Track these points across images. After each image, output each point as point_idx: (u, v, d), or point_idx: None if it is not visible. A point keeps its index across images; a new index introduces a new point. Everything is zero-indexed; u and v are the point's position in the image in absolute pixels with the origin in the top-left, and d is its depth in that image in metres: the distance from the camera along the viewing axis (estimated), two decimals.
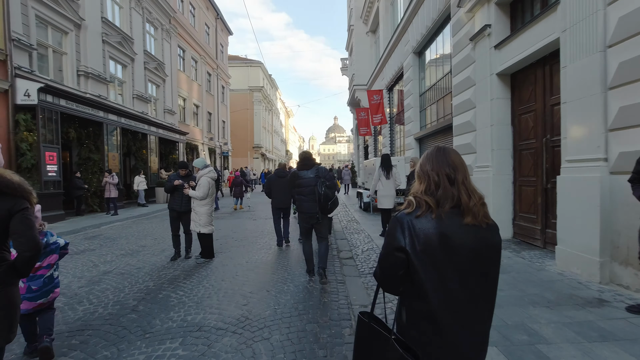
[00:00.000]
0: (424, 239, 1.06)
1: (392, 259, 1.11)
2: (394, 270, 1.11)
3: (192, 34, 20.66)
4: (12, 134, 8.14)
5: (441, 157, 1.17)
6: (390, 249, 1.12)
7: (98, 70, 11.34)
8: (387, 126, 15.52)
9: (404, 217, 1.12)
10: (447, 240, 1.05)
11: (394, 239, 1.11)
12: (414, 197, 1.15)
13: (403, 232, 1.09)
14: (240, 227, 8.09)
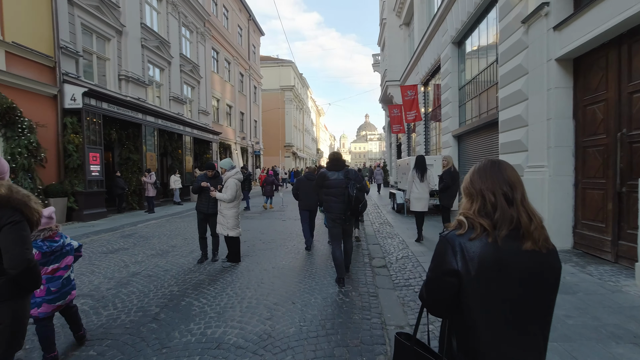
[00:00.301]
0: (478, 264, 0.98)
1: (442, 284, 1.04)
2: (442, 295, 1.05)
3: (225, 36, 21.13)
4: (60, 136, 8.68)
5: (496, 173, 1.07)
6: (440, 272, 1.05)
7: (137, 74, 11.85)
8: (421, 123, 14.72)
9: (455, 238, 1.03)
10: (504, 267, 0.98)
11: (444, 262, 1.03)
12: (465, 218, 1.06)
13: (455, 255, 1.01)
14: (269, 228, 7.96)
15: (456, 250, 1.01)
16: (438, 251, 1.07)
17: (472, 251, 0.99)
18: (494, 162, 1.10)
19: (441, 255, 1.05)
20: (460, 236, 1.03)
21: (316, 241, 6.40)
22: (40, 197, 7.74)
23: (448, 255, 1.02)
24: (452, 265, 1.00)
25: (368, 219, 9.04)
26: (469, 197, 1.09)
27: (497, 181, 1.04)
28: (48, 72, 8.52)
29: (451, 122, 10.12)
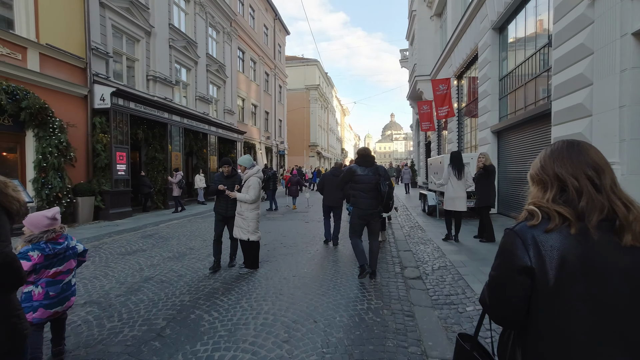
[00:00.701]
0: (558, 260, 0.81)
1: (511, 285, 0.87)
2: (510, 299, 0.87)
3: (251, 35, 21.17)
4: (89, 136, 8.83)
5: (576, 154, 0.90)
6: (509, 270, 0.87)
7: (164, 74, 11.96)
8: (454, 119, 13.75)
9: (527, 230, 0.86)
10: (594, 265, 0.80)
11: (514, 257, 0.86)
12: (537, 207, 0.89)
13: (527, 249, 0.84)
14: (291, 230, 7.57)
15: (528, 243, 0.85)
16: (505, 246, 0.91)
17: (549, 245, 0.83)
18: (571, 143, 0.94)
19: (509, 250, 0.89)
20: (533, 227, 0.87)
21: (342, 246, 5.90)
22: (69, 196, 7.88)
23: (518, 250, 0.86)
24: (525, 261, 0.85)
25: (397, 222, 8.40)
26: (540, 184, 0.94)
27: (579, 164, 0.89)
28: (79, 72, 8.69)
29: (490, 117, 9.20)
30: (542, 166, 0.95)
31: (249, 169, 4.44)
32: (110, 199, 8.91)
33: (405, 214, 9.86)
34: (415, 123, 25.59)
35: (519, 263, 0.85)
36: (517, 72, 8.01)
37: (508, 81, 8.58)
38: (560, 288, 0.80)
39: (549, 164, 0.93)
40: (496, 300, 0.92)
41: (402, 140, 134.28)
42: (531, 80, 7.26)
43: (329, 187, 5.95)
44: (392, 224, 8.01)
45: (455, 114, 13.31)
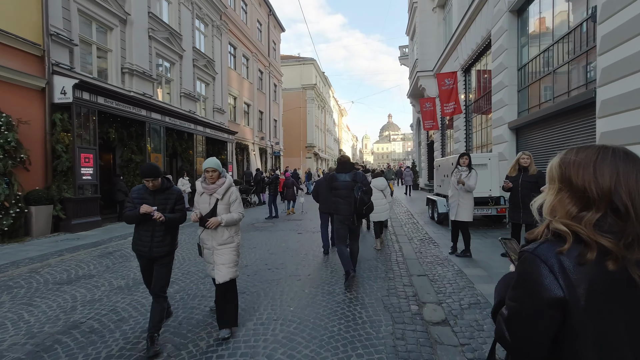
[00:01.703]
0: (588, 289, 0.69)
1: (541, 319, 0.72)
2: (541, 334, 0.73)
3: (243, 30, 20.05)
4: (48, 135, 7.66)
5: (629, 165, 0.72)
6: (537, 303, 0.72)
7: (143, 68, 10.81)
8: (461, 117, 12.70)
9: (552, 253, 0.72)
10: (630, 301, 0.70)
11: (542, 288, 0.71)
12: (570, 230, 0.72)
13: (556, 278, 0.70)
14: (280, 245, 6.43)
15: (555, 270, 0.70)
16: (527, 274, 0.74)
17: (578, 273, 0.69)
18: (616, 150, 0.75)
19: (534, 280, 0.72)
20: (560, 253, 0.71)
21: (339, 263, 4.78)
22: (18, 205, 6.70)
23: (546, 278, 0.71)
24: (554, 292, 0.69)
25: (403, 231, 7.29)
26: (581, 198, 0.74)
27: (632, 180, 0.70)
28: (34, 61, 7.53)
29: (507, 112, 8.13)
30: (596, 177, 0.73)
31: (223, 175, 2.95)
32: (73, 208, 7.73)
33: (412, 222, 8.75)
34: (416, 122, 24.56)
35: (549, 295, 0.71)
36: (541, 59, 6.94)
37: (529, 70, 7.52)
38: (593, 320, 0.69)
39: (607, 177, 0.72)
40: (520, 336, 0.77)
41: (400, 140, 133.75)
42: (562, 65, 6.19)
43: (325, 193, 5.39)
44: (398, 236, 6.90)
45: (462, 111, 12.26)
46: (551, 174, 0.82)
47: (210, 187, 2.86)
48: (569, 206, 0.76)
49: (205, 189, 2.88)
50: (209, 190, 2.87)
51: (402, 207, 12.05)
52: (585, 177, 0.74)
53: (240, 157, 20.04)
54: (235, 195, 2.97)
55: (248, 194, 13.03)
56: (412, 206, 12.03)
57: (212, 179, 2.86)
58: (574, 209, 0.75)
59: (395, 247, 6.05)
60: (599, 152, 0.76)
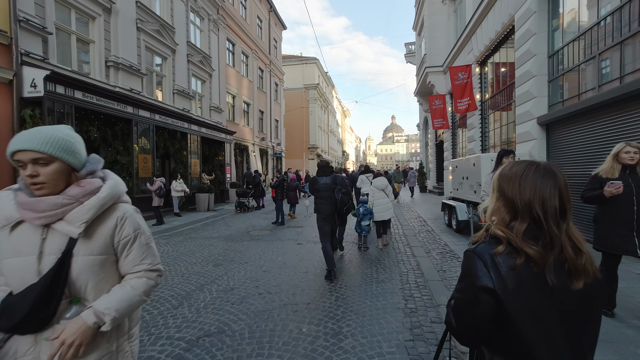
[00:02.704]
0: (516, 281, 0.83)
1: (475, 305, 0.87)
2: (476, 319, 0.88)
3: (242, 26, 19.22)
4: (16, 133, 6.78)
5: (547, 180, 0.88)
6: (472, 291, 0.88)
7: (130, 61, 9.96)
8: (475, 114, 11.70)
9: (487, 252, 0.88)
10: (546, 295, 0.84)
11: (476, 278, 0.87)
12: (504, 237, 0.87)
13: (488, 271, 0.85)
14: (276, 260, 5.49)
15: (488, 265, 0.86)
16: (467, 268, 0.91)
17: (507, 268, 0.84)
18: (540, 165, 0.90)
19: (471, 272, 0.88)
20: (495, 254, 0.86)
21: (348, 279, 3.82)
22: None
23: (479, 270, 0.87)
24: (486, 281, 0.85)
25: (418, 241, 6.33)
26: (511, 207, 0.90)
27: (550, 192, 0.86)
28: (0, 50, 6.68)
29: (535, 105, 7.15)
30: (520, 191, 0.88)
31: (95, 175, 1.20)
32: None
33: (426, 229, 7.77)
34: (423, 121, 23.56)
35: (482, 283, 0.85)
36: (581, 41, 5.96)
37: (564, 56, 6.54)
38: (520, 302, 0.83)
39: (527, 191, 0.88)
40: (462, 322, 0.92)
41: (404, 142, 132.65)
42: (612, 47, 5.20)
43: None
44: (413, 248, 5.93)
45: (477, 107, 11.27)
46: (493, 184, 0.96)
47: (41, 206, 1.06)
48: (503, 214, 0.91)
49: (28, 211, 1.07)
50: (38, 214, 1.06)
51: (412, 211, 11.08)
52: (514, 190, 0.89)
53: (240, 159, 19.17)
54: (134, 227, 1.20)
55: (246, 197, 12.13)
56: (423, 210, 11.04)
57: (45, 184, 1.07)
58: (507, 217, 0.90)
59: (411, 262, 5.09)
60: (526, 168, 0.91)
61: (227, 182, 15.64)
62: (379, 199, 5.95)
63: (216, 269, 4.93)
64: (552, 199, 0.84)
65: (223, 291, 3.98)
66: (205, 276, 4.58)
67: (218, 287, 4.11)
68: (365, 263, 5.13)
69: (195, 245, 6.62)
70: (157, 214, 9.12)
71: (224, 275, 4.62)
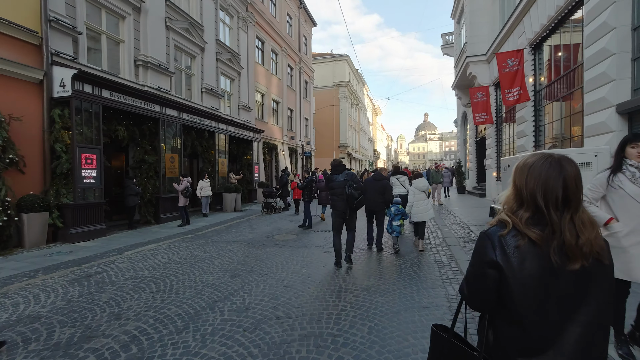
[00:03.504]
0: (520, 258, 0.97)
1: (482, 276, 1.04)
2: (482, 288, 1.05)
3: (272, 23, 18.95)
4: (46, 133, 6.83)
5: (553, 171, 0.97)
6: (482, 264, 1.04)
7: (158, 60, 9.91)
8: (527, 105, 10.29)
9: (495, 234, 1.02)
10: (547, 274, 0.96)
11: (484, 255, 1.03)
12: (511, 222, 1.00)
13: (494, 249, 1.00)
14: (300, 272, 4.88)
15: (495, 245, 1.00)
16: (477, 246, 1.07)
17: (512, 247, 0.97)
18: (556, 158, 0.99)
19: (480, 250, 1.04)
20: (502, 236, 1.00)
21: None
22: (8, 213, 5.85)
23: (487, 249, 1.02)
24: (491, 257, 1.00)
25: (464, 253, 5.41)
26: (518, 196, 1.02)
27: (553, 183, 0.96)
28: (31, 51, 6.74)
29: (613, 90, 5.89)
30: (526, 182, 0.99)
31: None
32: (72, 215, 6.83)
33: (471, 238, 6.77)
34: (462, 117, 21.88)
35: (488, 259, 1.00)
36: None
37: None
38: (520, 280, 0.95)
39: (532, 182, 0.98)
40: (471, 290, 1.09)
41: (437, 140, 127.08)
42: None
43: (372, 191, 5.80)
44: (459, 262, 5.04)
45: (530, 98, 9.90)
46: (512, 176, 1.07)
47: None
48: (512, 202, 1.03)
49: None
50: None
51: (452, 215, 9.98)
52: (521, 180, 1.01)
53: (269, 158, 18.93)
54: None
55: (273, 197, 11.72)
56: (465, 214, 9.90)
57: None
58: (515, 205, 1.02)
59: (458, 280, 4.21)
60: (538, 159, 1.01)
61: (255, 182, 15.40)
62: (419, 200, 5.96)
63: (233, 281, 4.42)
64: (555, 189, 0.94)
65: (236, 311, 3.43)
66: (220, 290, 4.08)
67: (231, 306, 3.58)
68: (403, 280, 4.37)
69: (216, 250, 6.21)
70: (183, 214, 8.94)
71: (240, 289, 4.09)
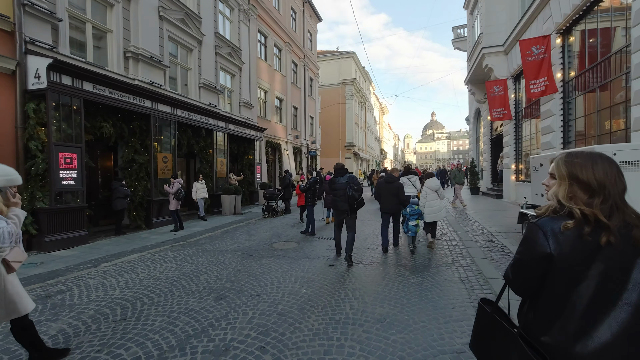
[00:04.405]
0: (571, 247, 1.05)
1: (532, 267, 1.11)
2: (530, 277, 1.12)
3: (275, 17, 18.19)
4: (20, 130, 6.15)
5: (610, 166, 1.09)
6: (532, 256, 1.10)
7: (151, 52, 9.20)
8: (555, 97, 9.30)
9: (547, 224, 1.08)
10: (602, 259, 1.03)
11: (537, 246, 1.08)
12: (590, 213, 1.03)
13: (547, 239, 1.06)
14: (298, 292, 4.06)
15: (548, 235, 1.05)
16: (529, 236, 1.11)
17: (564, 238, 1.03)
18: (607, 157, 1.10)
19: (533, 240, 1.09)
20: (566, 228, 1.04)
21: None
22: None
23: (540, 239, 1.06)
24: (545, 249, 1.05)
25: (494, 269, 4.54)
26: (588, 190, 1.07)
27: (617, 176, 1.06)
28: (2, 38, 6.05)
29: None
30: (594, 174, 1.06)
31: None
32: (47, 221, 6.14)
33: (499, 248, 5.87)
34: (474, 114, 20.81)
35: (541, 251, 1.06)
36: None
37: None
38: (569, 269, 1.03)
39: (600, 174, 1.05)
40: (518, 278, 1.16)
41: (445, 139, 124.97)
42: None
43: (386, 194, 5.83)
44: (491, 281, 4.17)
45: (558, 89, 8.92)
46: (560, 172, 1.13)
47: None
48: (580, 194, 1.07)
49: None
50: None
51: (470, 220, 9.06)
52: (588, 174, 1.06)
53: (272, 157, 18.18)
54: None
55: (275, 199, 10.93)
56: (485, 219, 8.95)
57: None
58: (584, 196, 1.06)
59: None
60: (592, 156, 1.10)
61: (257, 183, 14.65)
62: (431, 200, 5.94)
63: (217, 305, 3.63)
64: (620, 182, 1.05)
65: (212, 354, 2.64)
66: (199, 318, 3.29)
67: (207, 345, 2.78)
68: (425, 307, 3.52)
69: (205, 262, 5.44)
70: (176, 218, 8.21)
71: (224, 318, 3.29)
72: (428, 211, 5.90)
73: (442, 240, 6.67)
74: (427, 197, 5.95)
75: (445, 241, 6.59)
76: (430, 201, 5.92)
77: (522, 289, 1.14)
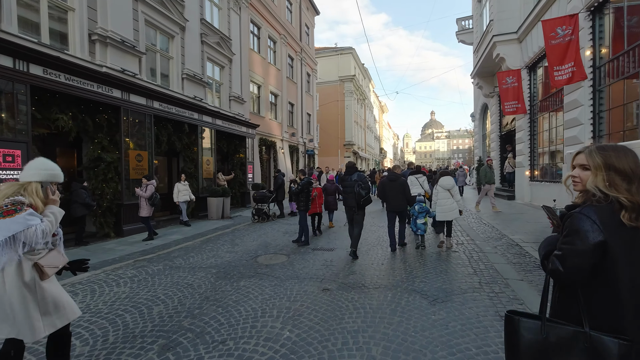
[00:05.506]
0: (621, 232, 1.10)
1: (586, 256, 1.12)
2: (585, 265, 1.13)
3: (269, 7, 17.06)
4: None
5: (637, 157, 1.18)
6: (585, 245, 1.10)
7: (122, 36, 8.07)
8: (583, 86, 8.19)
9: (593, 212, 1.12)
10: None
11: (589, 235, 1.10)
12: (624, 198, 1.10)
13: (599, 227, 1.09)
14: (280, 335, 2.96)
15: (597, 223, 1.09)
16: (576, 225, 1.13)
17: (614, 224, 1.09)
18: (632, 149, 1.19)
19: (583, 228, 1.11)
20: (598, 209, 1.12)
21: None
22: None
23: (591, 227, 1.09)
24: (598, 237, 1.08)
25: (536, 292, 3.41)
26: (625, 177, 1.12)
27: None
28: None
29: None
30: (632, 166, 1.14)
31: None
32: None
33: (532, 261, 4.75)
34: (481, 109, 19.71)
35: (595, 238, 1.08)
36: None
37: None
38: (625, 250, 1.08)
39: (634, 165, 1.14)
40: (572, 269, 1.13)
41: (445, 139, 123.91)
42: None
43: (391, 192, 5.80)
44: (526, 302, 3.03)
45: (586, 76, 7.82)
46: (595, 162, 1.18)
47: None
48: (619, 182, 1.12)
49: None
50: None
51: (485, 225, 7.97)
52: (623, 163, 1.14)
53: (266, 156, 17.07)
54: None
55: (266, 203, 9.82)
56: (504, 225, 7.83)
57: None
58: (623, 183, 1.11)
59: None
60: (620, 147, 1.19)
61: (249, 184, 13.54)
62: (443, 198, 5.81)
63: None
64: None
65: None
66: None
67: None
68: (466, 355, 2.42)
69: (168, 284, 4.33)
70: (148, 226, 7.10)
71: None
72: (440, 210, 5.79)
73: (461, 253, 5.57)
74: (438, 196, 5.84)
75: (465, 254, 5.48)
76: (441, 200, 5.80)
77: (574, 280, 1.14)
